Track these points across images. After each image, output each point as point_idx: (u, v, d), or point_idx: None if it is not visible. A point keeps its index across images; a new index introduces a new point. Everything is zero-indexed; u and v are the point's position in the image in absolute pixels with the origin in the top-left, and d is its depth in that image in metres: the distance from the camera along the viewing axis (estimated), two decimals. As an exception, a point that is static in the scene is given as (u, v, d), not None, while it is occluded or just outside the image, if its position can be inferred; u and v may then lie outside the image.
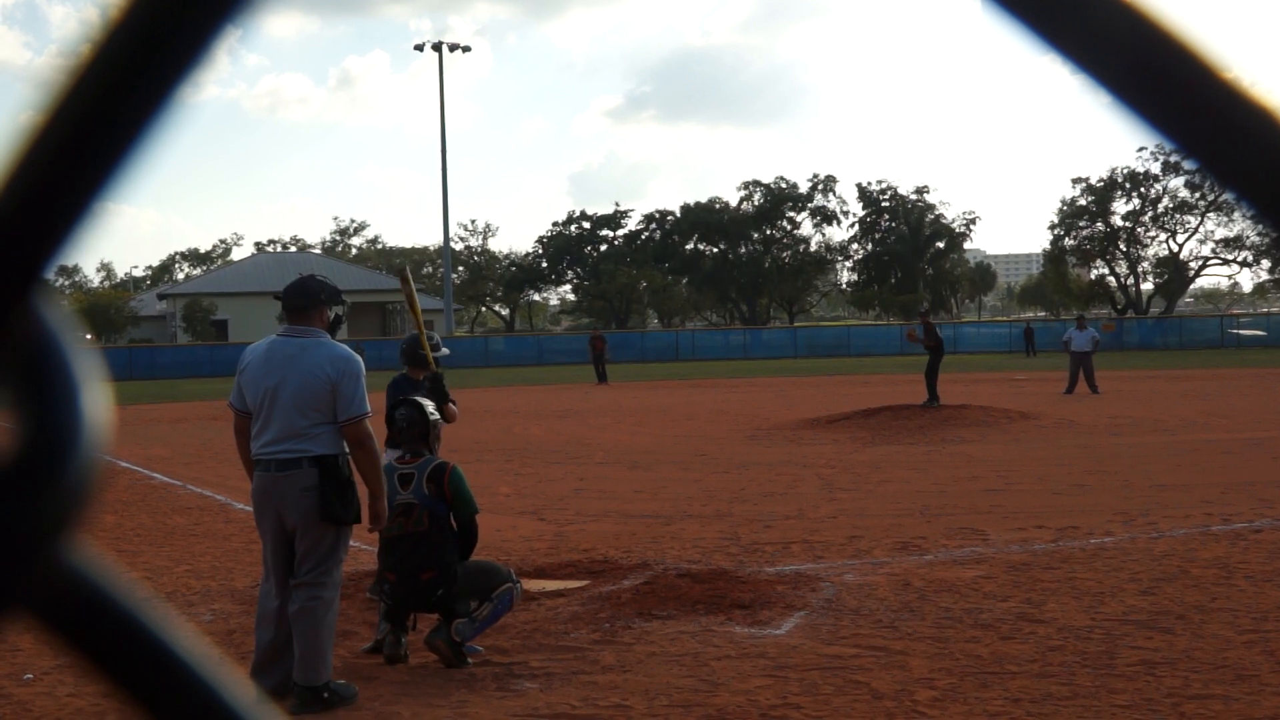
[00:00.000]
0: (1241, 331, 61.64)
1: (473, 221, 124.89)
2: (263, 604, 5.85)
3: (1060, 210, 79.84)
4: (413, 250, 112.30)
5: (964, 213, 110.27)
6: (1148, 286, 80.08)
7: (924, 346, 23.14)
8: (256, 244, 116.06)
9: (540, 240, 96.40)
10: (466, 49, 70.75)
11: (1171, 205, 77.20)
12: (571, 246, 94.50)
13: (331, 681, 5.67)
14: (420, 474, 6.26)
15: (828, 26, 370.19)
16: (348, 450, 5.73)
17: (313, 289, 5.79)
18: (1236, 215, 73.22)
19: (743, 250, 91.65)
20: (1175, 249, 78.50)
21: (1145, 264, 79.58)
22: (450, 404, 7.54)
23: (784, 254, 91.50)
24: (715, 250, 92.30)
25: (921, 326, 23.22)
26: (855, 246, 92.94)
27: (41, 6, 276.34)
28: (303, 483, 5.59)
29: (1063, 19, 0.44)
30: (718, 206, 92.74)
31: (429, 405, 6.52)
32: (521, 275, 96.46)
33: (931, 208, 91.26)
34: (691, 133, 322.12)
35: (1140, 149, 76.20)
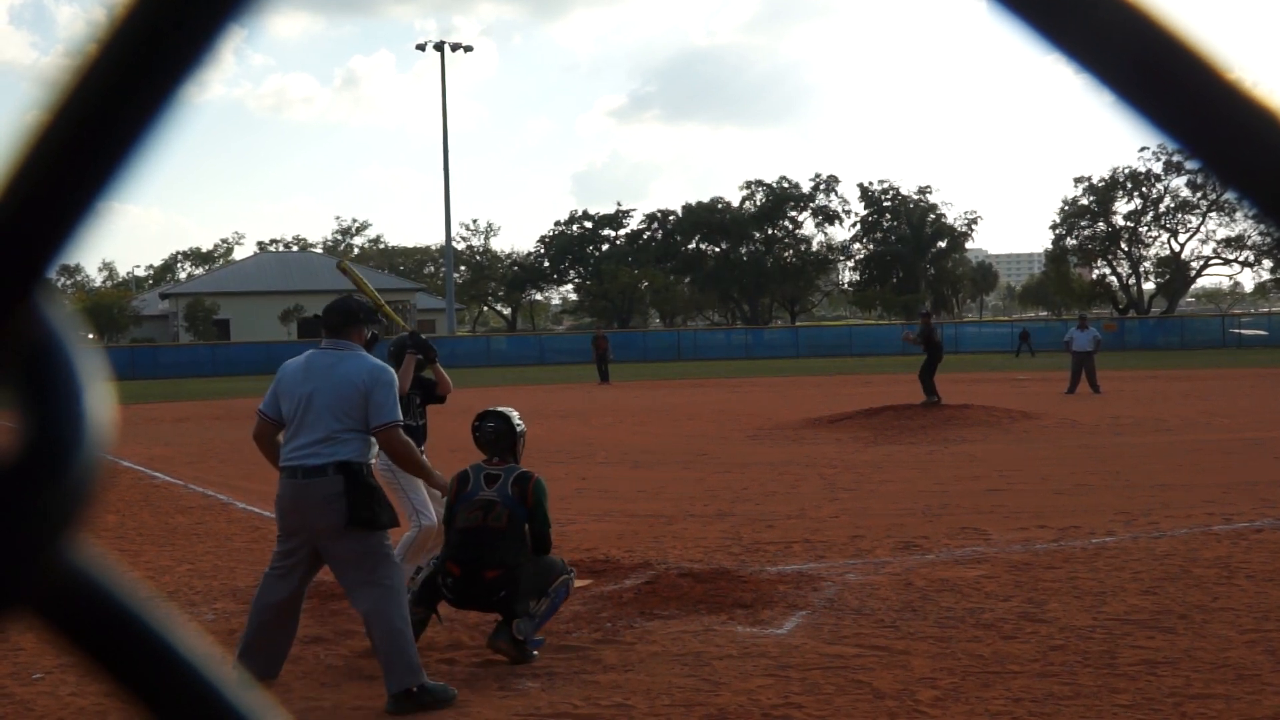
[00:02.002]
0: (1243, 331, 61.61)
1: (475, 221, 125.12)
2: (265, 592, 5.91)
3: (1062, 210, 79.89)
4: (415, 249, 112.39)
5: (966, 212, 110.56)
6: (1149, 286, 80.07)
7: (920, 347, 22.92)
8: (259, 243, 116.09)
9: (542, 240, 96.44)
10: (468, 49, 70.79)
11: (1173, 205, 77.22)
12: (573, 246, 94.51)
13: (426, 682, 5.65)
14: (507, 476, 6.42)
15: (832, 27, 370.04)
16: (372, 459, 5.86)
17: (351, 309, 6.08)
18: (1238, 215, 73.23)
19: (744, 250, 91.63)
20: (1177, 249, 78.51)
21: (1147, 264, 79.60)
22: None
23: (786, 253, 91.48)
24: (717, 250, 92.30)
25: (919, 327, 23.06)
26: (857, 246, 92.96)
27: (49, 7, 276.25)
28: (327, 490, 5.67)
29: (1066, 19, 0.44)
30: (720, 206, 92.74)
31: (514, 415, 6.68)
32: (523, 275, 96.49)
33: (933, 207, 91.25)
34: (695, 132, 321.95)
35: (1142, 149, 76.27)
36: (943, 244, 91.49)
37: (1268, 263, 77.00)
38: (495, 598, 6.20)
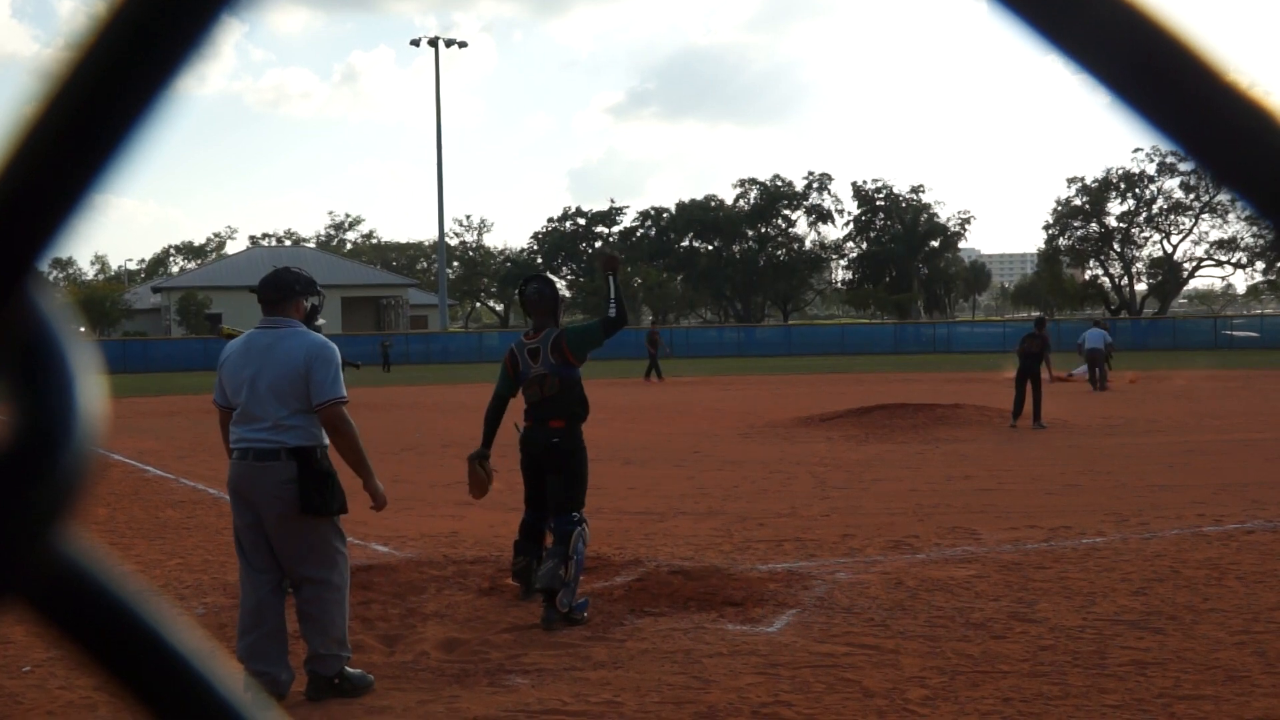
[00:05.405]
0: (1235, 333, 61.78)
1: (468, 217, 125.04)
2: (245, 600, 5.75)
3: (1055, 210, 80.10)
4: (408, 245, 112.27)
5: (959, 212, 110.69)
6: (1142, 287, 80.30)
7: (1034, 354, 19.35)
8: (251, 238, 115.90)
9: (535, 236, 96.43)
10: (463, 44, 70.84)
11: (1166, 206, 77.47)
12: (567, 243, 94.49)
13: (346, 670, 5.65)
14: (544, 347, 6.97)
15: (831, 26, 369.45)
16: (326, 441, 5.67)
17: (286, 281, 5.77)
18: (1230, 217, 73.50)
19: (738, 248, 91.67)
20: (1169, 250, 78.71)
21: (1139, 265, 79.82)
22: None
23: (779, 252, 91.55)
24: (710, 248, 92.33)
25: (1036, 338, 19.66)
26: (850, 245, 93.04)
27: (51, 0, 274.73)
28: (280, 475, 5.50)
29: (1066, 18, 0.44)
30: (713, 204, 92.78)
31: (558, 281, 7.28)
32: (516, 271, 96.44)
33: (926, 207, 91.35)
34: (693, 130, 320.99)
35: (1135, 150, 76.61)
36: (935, 243, 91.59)
37: (1260, 264, 77.24)
38: (552, 440, 6.93)
